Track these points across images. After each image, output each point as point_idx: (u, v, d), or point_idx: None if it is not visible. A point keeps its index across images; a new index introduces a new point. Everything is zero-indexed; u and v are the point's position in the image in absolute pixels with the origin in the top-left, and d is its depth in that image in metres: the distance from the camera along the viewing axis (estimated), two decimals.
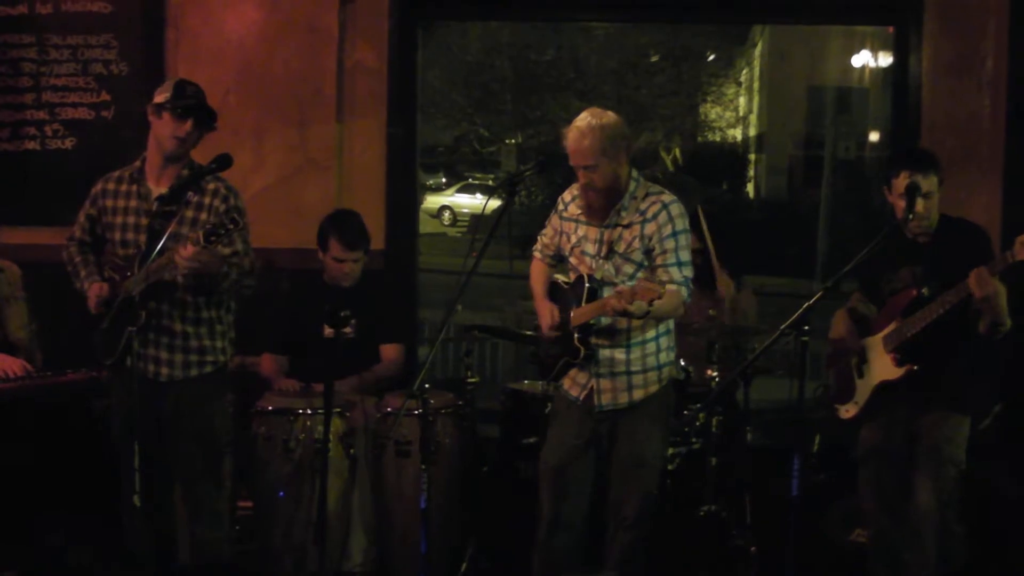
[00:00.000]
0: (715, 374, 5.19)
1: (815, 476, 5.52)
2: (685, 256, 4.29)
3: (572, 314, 4.34)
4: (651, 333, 4.37)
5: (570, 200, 4.49)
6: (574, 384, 4.47)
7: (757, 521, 5.21)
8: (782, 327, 4.22)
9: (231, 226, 4.05)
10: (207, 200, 4.43)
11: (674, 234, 4.27)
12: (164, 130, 4.38)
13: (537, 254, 4.67)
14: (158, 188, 4.42)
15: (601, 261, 4.34)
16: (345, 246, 5.29)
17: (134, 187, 4.48)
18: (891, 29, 6.27)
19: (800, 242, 18.98)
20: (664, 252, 4.25)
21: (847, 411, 4.56)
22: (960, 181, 5.38)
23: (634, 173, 4.34)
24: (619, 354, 4.36)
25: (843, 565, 5.16)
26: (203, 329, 4.51)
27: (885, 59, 16.33)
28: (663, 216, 4.26)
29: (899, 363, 4.34)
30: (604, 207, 4.31)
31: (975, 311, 4.17)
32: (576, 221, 4.44)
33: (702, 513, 5.10)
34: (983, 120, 5.82)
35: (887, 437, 4.49)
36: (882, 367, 4.42)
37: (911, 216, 4.28)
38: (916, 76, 5.93)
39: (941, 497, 4.36)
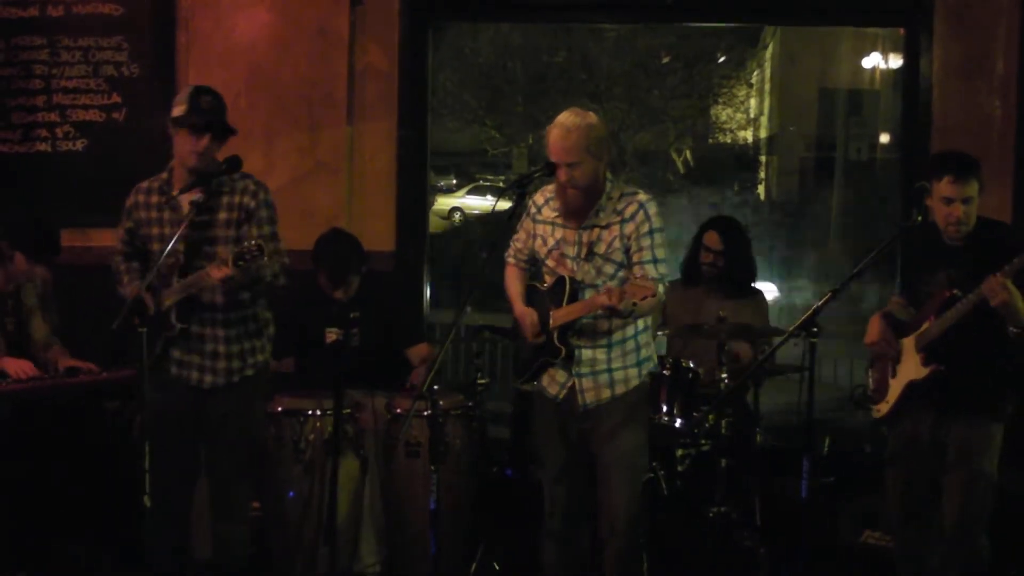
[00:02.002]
0: (725, 376, 5.19)
1: (824, 478, 5.50)
2: (661, 254, 4.29)
3: (552, 315, 4.33)
4: (630, 331, 4.38)
5: (543, 203, 4.47)
6: (553, 382, 4.44)
7: (766, 522, 5.21)
8: (791, 329, 4.21)
9: (256, 252, 4.06)
10: (236, 199, 4.43)
11: (651, 232, 4.27)
12: (183, 146, 4.37)
13: (511, 259, 4.62)
14: (187, 197, 4.40)
15: (581, 263, 4.33)
16: (332, 282, 5.34)
17: (163, 199, 4.46)
18: (902, 31, 6.26)
19: (811, 244, 18.99)
20: (640, 250, 4.26)
21: (878, 410, 4.51)
22: None
23: (608, 174, 4.35)
24: (600, 354, 4.35)
25: (852, 567, 5.15)
26: (242, 329, 4.51)
27: (896, 61, 16.33)
28: (640, 215, 4.27)
29: (926, 363, 4.31)
30: (583, 208, 4.30)
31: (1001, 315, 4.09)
32: (552, 224, 4.42)
33: (712, 514, 5.11)
34: (994, 121, 5.81)
35: (915, 440, 4.41)
36: (911, 366, 4.36)
37: (919, 217, 4.26)
38: (927, 78, 5.92)
39: (970, 514, 4.27)
